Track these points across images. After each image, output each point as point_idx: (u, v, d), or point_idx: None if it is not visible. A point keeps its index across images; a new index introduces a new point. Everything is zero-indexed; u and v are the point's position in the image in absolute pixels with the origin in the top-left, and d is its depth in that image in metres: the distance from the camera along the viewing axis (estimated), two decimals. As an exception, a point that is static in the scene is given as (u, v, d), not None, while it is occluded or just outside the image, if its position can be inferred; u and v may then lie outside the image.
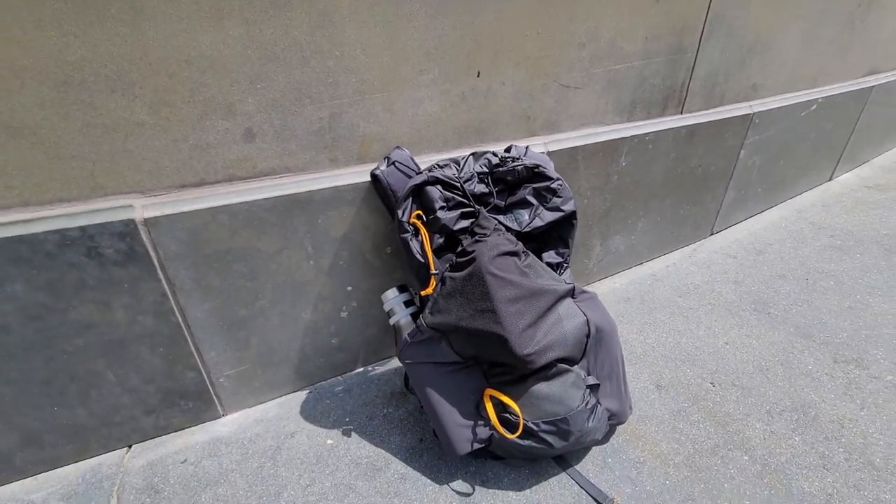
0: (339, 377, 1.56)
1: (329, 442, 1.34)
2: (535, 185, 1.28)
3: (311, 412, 1.44)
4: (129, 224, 1.05)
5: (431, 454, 1.29)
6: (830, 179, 2.93)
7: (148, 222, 1.07)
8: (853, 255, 2.16)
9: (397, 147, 1.30)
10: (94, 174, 1.02)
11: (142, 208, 1.07)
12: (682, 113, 1.84)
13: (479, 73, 1.33)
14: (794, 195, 2.72)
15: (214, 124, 1.08)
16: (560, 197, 1.29)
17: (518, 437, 1.11)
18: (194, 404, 1.35)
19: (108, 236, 1.04)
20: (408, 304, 1.30)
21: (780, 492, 1.17)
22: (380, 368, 1.60)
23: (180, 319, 1.21)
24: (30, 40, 0.87)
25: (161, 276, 1.13)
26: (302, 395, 1.50)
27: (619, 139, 1.66)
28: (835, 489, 1.17)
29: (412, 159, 1.27)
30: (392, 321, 1.30)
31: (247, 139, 1.13)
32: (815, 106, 2.31)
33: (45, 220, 1.00)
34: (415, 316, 1.28)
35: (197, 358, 1.28)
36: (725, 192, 2.22)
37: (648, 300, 1.90)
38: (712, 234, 2.36)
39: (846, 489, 1.17)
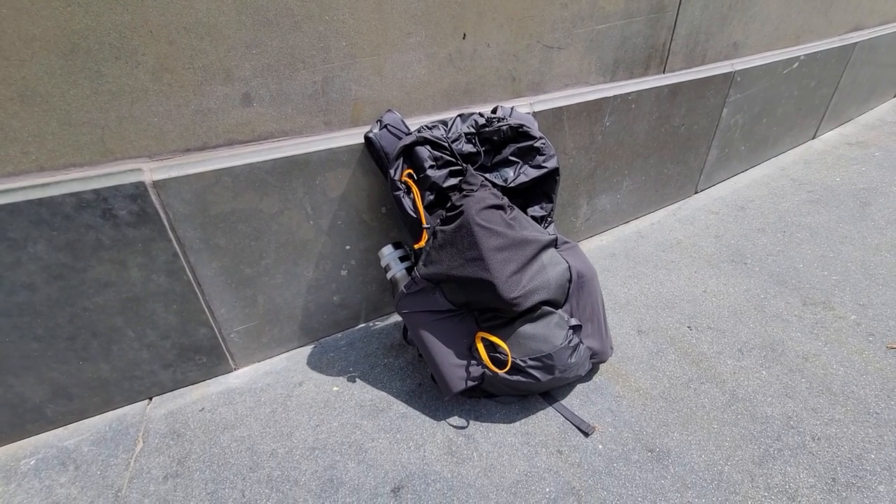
0: (341, 333, 1.67)
1: (335, 389, 1.45)
2: (519, 144, 1.35)
3: (316, 364, 1.54)
4: (140, 186, 1.12)
5: (430, 396, 1.41)
6: (814, 138, 3.00)
7: (157, 185, 1.14)
8: (829, 208, 2.25)
9: (389, 110, 1.36)
10: (103, 139, 1.09)
11: (150, 171, 1.14)
12: (664, 72, 1.90)
13: (464, 35, 1.38)
14: (777, 154, 2.79)
15: (214, 90, 1.14)
16: (543, 155, 1.37)
17: (507, 373, 1.22)
18: (208, 359, 1.46)
19: (121, 198, 1.11)
20: (403, 259, 1.39)
21: (744, 417, 1.29)
22: (380, 323, 1.70)
23: (191, 278, 1.29)
24: (37, 10, 0.92)
25: (171, 236, 1.21)
26: (308, 350, 1.60)
27: (602, 99, 1.72)
28: (794, 412, 1.29)
29: (403, 122, 1.34)
30: (389, 275, 1.39)
31: (245, 104, 1.19)
32: (797, 63, 2.35)
33: (61, 184, 1.07)
34: (410, 270, 1.37)
35: (208, 315, 1.38)
36: (708, 151, 2.29)
37: (633, 255, 2.00)
38: (696, 192, 2.45)
39: (805, 412, 1.29)
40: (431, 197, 1.29)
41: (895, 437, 1.21)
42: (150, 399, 1.44)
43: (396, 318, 1.72)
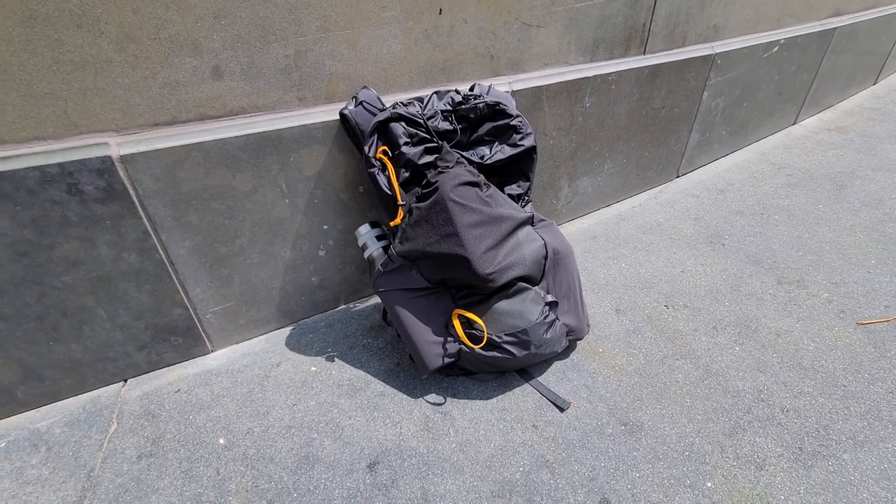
0: (321, 314, 1.66)
1: (313, 369, 1.45)
2: (496, 123, 1.35)
3: (295, 345, 1.54)
4: (106, 161, 1.09)
5: (408, 375, 1.41)
6: (794, 123, 3.03)
7: (124, 159, 1.11)
8: (807, 191, 2.29)
9: (364, 87, 1.34)
10: (67, 112, 1.06)
11: (117, 146, 1.11)
12: (644, 53, 1.90)
13: (440, 10, 1.37)
14: (758, 139, 2.82)
15: (182, 62, 1.11)
16: (520, 133, 1.36)
17: (483, 348, 1.23)
18: (184, 340, 1.44)
19: (87, 173, 1.09)
20: (380, 238, 1.39)
21: (717, 391, 1.31)
22: (360, 305, 1.70)
23: (163, 256, 1.27)
24: (-10, -26, 0.89)
25: (141, 213, 1.19)
26: (286, 331, 1.59)
27: (582, 79, 1.71)
28: (765, 386, 1.32)
29: (379, 98, 1.32)
30: (366, 255, 1.39)
31: (215, 77, 1.17)
32: (776, 47, 2.37)
33: (24, 157, 1.04)
34: (386, 249, 1.37)
35: (183, 295, 1.36)
36: (689, 135, 2.30)
37: (613, 237, 2.01)
38: (678, 176, 2.46)
39: (775, 386, 1.32)
40: (407, 174, 1.28)
41: (861, 408, 1.24)
42: (125, 381, 1.42)
43: (376, 300, 1.71)
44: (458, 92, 1.33)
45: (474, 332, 1.25)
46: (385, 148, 1.25)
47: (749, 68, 2.30)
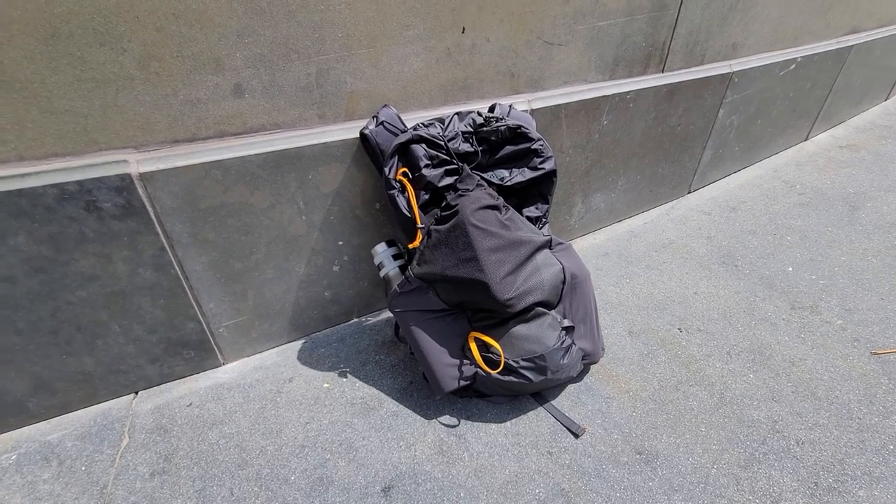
0: (333, 328, 1.65)
1: (325, 385, 1.44)
2: (517, 147, 1.33)
3: (307, 360, 1.53)
4: (125, 178, 1.08)
5: (421, 394, 1.40)
6: (806, 139, 3.02)
7: (143, 177, 1.10)
8: (819, 211, 2.28)
9: (385, 105, 1.33)
10: (87, 129, 1.04)
11: (136, 163, 1.10)
12: (663, 71, 1.88)
13: (463, 28, 1.35)
14: (770, 155, 2.81)
15: (204, 79, 1.10)
16: (541, 157, 1.35)
17: (499, 373, 1.22)
18: (196, 353, 1.43)
19: (105, 190, 1.08)
20: (396, 257, 1.38)
21: (731, 420, 1.31)
22: (372, 319, 1.69)
23: (179, 272, 1.26)
24: (15, -8, 0.88)
25: (159, 229, 1.18)
26: (298, 345, 1.58)
27: (601, 97, 1.70)
28: (780, 416, 1.31)
29: (399, 118, 1.31)
30: (382, 274, 1.38)
31: (236, 95, 1.15)
32: (794, 65, 2.35)
33: (43, 175, 1.03)
34: (403, 268, 1.36)
35: (196, 309, 1.35)
36: (703, 151, 2.29)
37: (626, 255, 2.01)
38: (690, 192, 2.45)
39: (790, 416, 1.31)
40: (426, 196, 1.27)
41: (876, 442, 1.24)
42: (137, 393, 1.42)
43: (388, 314, 1.70)
44: (479, 114, 1.32)
45: (491, 356, 1.24)
46: (405, 169, 1.24)
47: (765, 86, 2.29)
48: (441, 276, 1.21)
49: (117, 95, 1.04)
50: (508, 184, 1.32)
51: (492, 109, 1.38)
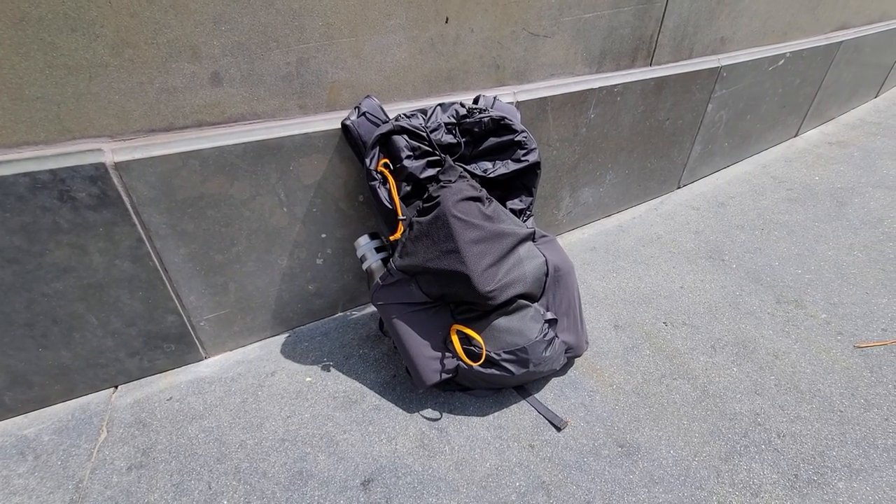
0: (317, 322, 1.64)
1: (308, 379, 1.43)
2: (501, 139, 1.32)
3: (290, 353, 1.52)
4: (100, 168, 1.06)
5: (404, 388, 1.40)
6: (796, 136, 3.02)
7: (118, 166, 1.08)
8: (807, 207, 2.28)
9: (367, 96, 1.31)
10: (60, 117, 1.02)
11: (111, 152, 1.08)
12: (650, 65, 1.87)
13: (447, 18, 1.34)
14: (759, 151, 2.81)
15: (180, 67, 1.08)
16: (525, 149, 1.34)
17: (481, 366, 1.21)
18: (177, 347, 1.42)
19: (80, 180, 1.06)
20: (379, 249, 1.36)
21: (714, 413, 1.31)
22: (356, 314, 1.67)
23: (157, 264, 1.24)
24: (-19, -26, 0.86)
25: (135, 220, 1.16)
26: (281, 339, 1.57)
27: (587, 90, 1.69)
28: (762, 409, 1.31)
29: (382, 109, 1.29)
30: (365, 266, 1.36)
31: (214, 83, 1.13)
32: (782, 61, 2.35)
33: (14, 163, 1.01)
34: (386, 261, 1.35)
35: (176, 302, 1.33)
36: (692, 147, 2.29)
37: (613, 249, 2.00)
38: (679, 187, 2.45)
39: (772, 409, 1.31)
40: (408, 188, 1.26)
41: (857, 434, 1.24)
42: (116, 387, 1.40)
43: (373, 308, 1.69)
44: (462, 105, 1.31)
45: (473, 348, 1.24)
46: (386, 161, 1.23)
47: (754, 81, 2.29)
48: (423, 268, 1.20)
49: (91, 83, 1.02)
50: (491, 176, 1.31)
51: (476, 101, 1.37)
